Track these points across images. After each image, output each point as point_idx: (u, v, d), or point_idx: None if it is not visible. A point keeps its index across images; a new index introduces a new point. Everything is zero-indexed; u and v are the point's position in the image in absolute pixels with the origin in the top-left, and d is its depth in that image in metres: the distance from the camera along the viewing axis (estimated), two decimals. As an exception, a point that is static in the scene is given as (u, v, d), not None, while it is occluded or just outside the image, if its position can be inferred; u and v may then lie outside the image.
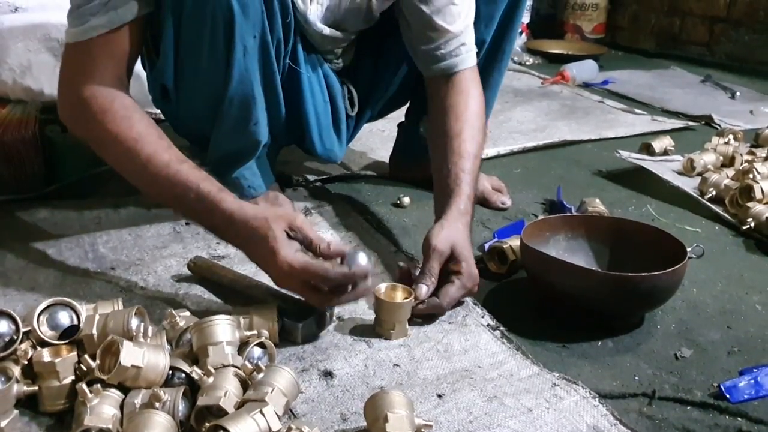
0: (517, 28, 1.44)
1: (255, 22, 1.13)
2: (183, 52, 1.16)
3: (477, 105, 1.27)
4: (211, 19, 1.09)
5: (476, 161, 1.21)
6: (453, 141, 1.20)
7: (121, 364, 0.79)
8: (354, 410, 0.87)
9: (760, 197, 1.45)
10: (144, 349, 0.82)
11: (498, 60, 1.44)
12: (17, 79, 1.62)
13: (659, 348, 1.04)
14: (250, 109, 1.22)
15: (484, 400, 0.89)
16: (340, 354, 0.98)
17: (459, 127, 1.22)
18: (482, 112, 1.28)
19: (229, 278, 1.13)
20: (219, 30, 1.10)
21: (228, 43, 1.12)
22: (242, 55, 1.14)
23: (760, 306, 1.17)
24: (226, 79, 1.16)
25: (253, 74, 1.18)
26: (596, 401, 0.89)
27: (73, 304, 0.92)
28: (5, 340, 0.87)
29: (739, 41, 3.05)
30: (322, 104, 1.38)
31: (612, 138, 2.03)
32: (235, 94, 1.18)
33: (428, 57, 1.28)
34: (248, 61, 1.16)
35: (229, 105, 1.19)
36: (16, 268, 1.18)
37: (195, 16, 1.10)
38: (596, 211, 1.41)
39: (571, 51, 3.18)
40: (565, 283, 1.07)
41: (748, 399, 0.93)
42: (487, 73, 1.41)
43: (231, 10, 1.08)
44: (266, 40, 1.17)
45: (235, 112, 1.21)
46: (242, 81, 1.17)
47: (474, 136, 1.22)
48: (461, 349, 1.01)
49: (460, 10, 1.26)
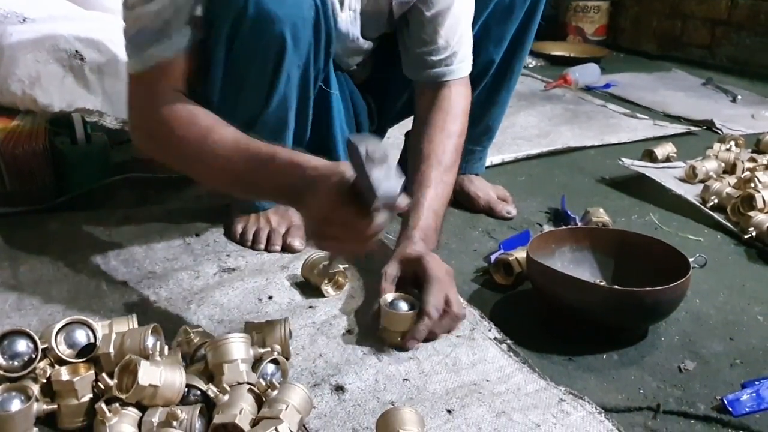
0: (527, 48, 1.44)
1: (302, 53, 1.13)
2: (229, 75, 1.16)
3: (455, 126, 1.26)
4: (264, 49, 1.10)
5: (449, 172, 1.23)
6: (422, 162, 1.22)
7: (139, 383, 0.81)
8: (365, 425, 0.89)
9: (761, 206, 1.47)
10: (161, 368, 0.84)
11: (507, 79, 1.45)
12: (26, 90, 1.63)
13: (663, 360, 1.06)
14: (282, 133, 1.23)
15: (492, 415, 0.91)
16: (351, 368, 1.00)
17: (429, 149, 1.23)
18: (459, 132, 1.27)
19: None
20: (269, 60, 1.11)
21: (275, 73, 1.13)
22: (285, 84, 1.15)
23: (762, 317, 1.18)
24: (266, 105, 1.17)
25: (290, 101, 1.20)
26: (602, 416, 0.91)
27: (90, 323, 0.93)
28: (24, 360, 0.89)
29: (741, 44, 3.06)
30: (348, 122, 1.39)
31: (615, 144, 2.04)
32: (269, 119, 1.20)
33: (419, 61, 1.28)
34: (289, 89, 1.17)
35: (261, 128, 1.19)
36: (30, 281, 1.20)
37: (248, 45, 1.10)
38: (600, 221, 1.43)
39: (573, 53, 3.20)
40: (570, 297, 1.09)
41: (750, 412, 0.95)
42: (495, 92, 1.43)
43: (284, 43, 1.09)
44: (308, 69, 1.17)
45: (267, 135, 1.21)
46: (279, 107, 1.19)
47: (450, 149, 1.24)
48: (469, 362, 1.03)
49: (459, 20, 1.26)
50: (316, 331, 1.09)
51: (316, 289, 1.19)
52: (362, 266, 1.28)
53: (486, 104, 1.49)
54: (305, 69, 1.17)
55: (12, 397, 0.84)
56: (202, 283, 1.21)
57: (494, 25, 1.33)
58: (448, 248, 1.39)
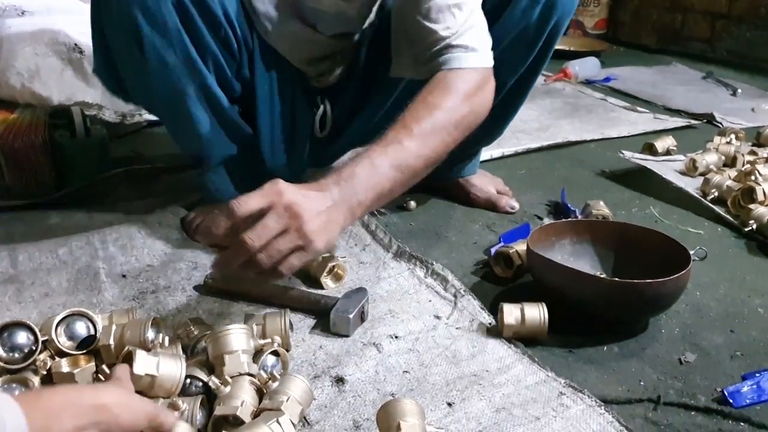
0: (539, 73, 1.40)
1: (172, 39, 1.12)
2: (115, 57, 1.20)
3: (442, 100, 1.07)
4: (122, 28, 1.12)
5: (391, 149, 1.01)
6: (392, 127, 1.05)
7: (134, 372, 0.81)
8: (366, 417, 0.89)
9: (762, 199, 1.47)
10: (158, 357, 0.84)
11: (515, 103, 1.43)
12: (25, 84, 1.63)
13: (664, 353, 1.06)
14: (183, 126, 1.22)
15: (492, 410, 0.91)
16: (351, 360, 1.00)
17: (401, 116, 1.05)
18: (446, 107, 1.07)
19: (255, 289, 1.15)
20: (131, 41, 1.12)
21: (142, 55, 1.14)
22: (162, 68, 1.14)
23: (762, 309, 1.18)
24: (152, 90, 1.19)
25: (181, 89, 1.18)
26: (602, 409, 0.91)
27: (90, 315, 0.93)
28: (25, 351, 0.89)
29: (741, 37, 3.06)
30: (278, 119, 1.34)
31: (615, 137, 2.04)
32: (161, 105, 1.20)
33: (417, 62, 1.17)
34: (170, 75, 1.16)
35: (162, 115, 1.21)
36: (29, 274, 1.20)
37: (113, 25, 1.13)
38: (600, 213, 1.43)
39: (572, 47, 3.19)
40: (570, 290, 1.09)
41: (750, 404, 0.95)
42: (504, 108, 1.40)
43: (137, 23, 1.10)
44: (191, 56, 1.16)
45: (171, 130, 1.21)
46: (169, 97, 1.19)
47: (407, 125, 1.04)
48: (469, 354, 1.03)
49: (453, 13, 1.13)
50: (316, 322, 1.09)
51: (316, 281, 1.19)
52: (361, 260, 1.28)
53: (490, 125, 1.47)
54: (187, 56, 1.15)
55: (13, 389, 0.84)
56: (201, 275, 1.20)
57: (508, 51, 1.28)
58: (449, 241, 1.39)
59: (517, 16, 1.27)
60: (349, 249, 1.32)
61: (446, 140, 1.07)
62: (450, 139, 1.08)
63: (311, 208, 0.91)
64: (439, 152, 1.07)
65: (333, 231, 0.94)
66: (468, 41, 1.13)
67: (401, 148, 1.01)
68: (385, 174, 0.99)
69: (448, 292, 1.18)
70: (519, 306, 1.07)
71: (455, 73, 1.11)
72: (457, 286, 1.19)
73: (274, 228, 0.89)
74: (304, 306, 1.12)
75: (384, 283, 1.21)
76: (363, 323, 1.09)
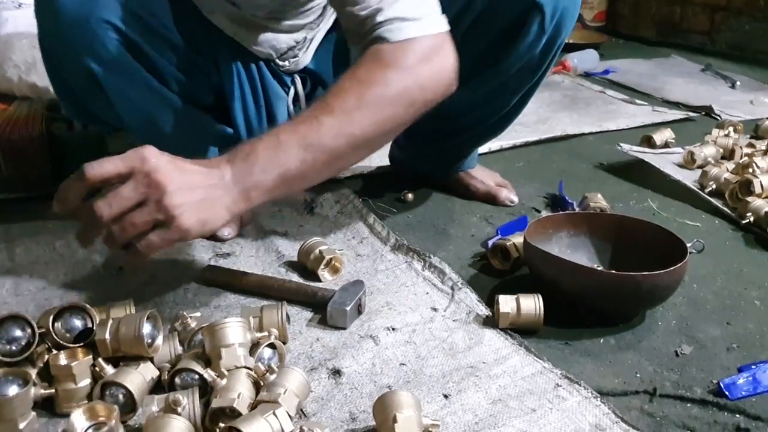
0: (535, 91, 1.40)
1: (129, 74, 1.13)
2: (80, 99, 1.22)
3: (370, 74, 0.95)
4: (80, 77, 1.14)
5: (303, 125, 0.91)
6: (311, 105, 0.95)
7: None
8: (362, 409, 0.90)
9: (759, 192, 1.47)
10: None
11: (511, 117, 1.44)
12: (22, 76, 1.64)
13: (660, 345, 1.06)
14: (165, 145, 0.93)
15: (488, 401, 0.91)
16: (348, 352, 1.01)
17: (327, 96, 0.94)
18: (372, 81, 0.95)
19: (254, 282, 1.15)
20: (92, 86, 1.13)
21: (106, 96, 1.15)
22: (128, 102, 1.15)
23: (759, 302, 1.19)
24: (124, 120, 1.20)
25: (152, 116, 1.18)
26: (598, 401, 0.91)
27: (87, 308, 0.93)
28: (22, 344, 0.89)
29: (740, 30, 3.05)
30: (253, 109, 1.32)
31: (613, 130, 2.04)
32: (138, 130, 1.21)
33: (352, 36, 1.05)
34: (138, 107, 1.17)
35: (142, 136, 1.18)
36: (26, 267, 1.20)
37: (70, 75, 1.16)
38: (598, 206, 1.43)
39: (571, 39, 3.16)
40: (567, 282, 1.09)
41: (746, 395, 0.95)
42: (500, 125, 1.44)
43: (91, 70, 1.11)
44: (152, 86, 1.17)
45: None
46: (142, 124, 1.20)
47: (327, 102, 0.93)
48: (465, 346, 1.03)
49: None
50: (313, 315, 1.09)
51: (313, 273, 1.19)
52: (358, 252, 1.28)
53: (489, 134, 1.49)
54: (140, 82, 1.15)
55: (10, 382, 0.85)
56: (198, 268, 1.20)
57: (517, 80, 1.30)
58: (446, 233, 1.39)
59: (523, 51, 1.24)
60: (347, 241, 1.32)
61: (378, 117, 0.95)
62: (384, 116, 0.95)
63: (182, 180, 0.81)
64: (372, 131, 0.95)
65: (212, 212, 0.84)
66: (399, 12, 0.97)
67: (316, 125, 0.90)
68: (293, 154, 0.88)
69: (446, 284, 1.18)
70: (515, 297, 1.07)
71: (392, 45, 0.97)
72: (455, 279, 1.19)
73: (128, 197, 0.79)
74: (301, 298, 1.12)
75: (381, 276, 1.21)
76: (360, 315, 1.09)
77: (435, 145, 1.48)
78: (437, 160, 1.53)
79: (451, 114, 1.30)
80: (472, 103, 1.35)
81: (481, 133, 1.47)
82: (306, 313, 1.10)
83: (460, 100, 1.12)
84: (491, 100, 1.36)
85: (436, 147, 1.49)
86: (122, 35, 1.10)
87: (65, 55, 1.11)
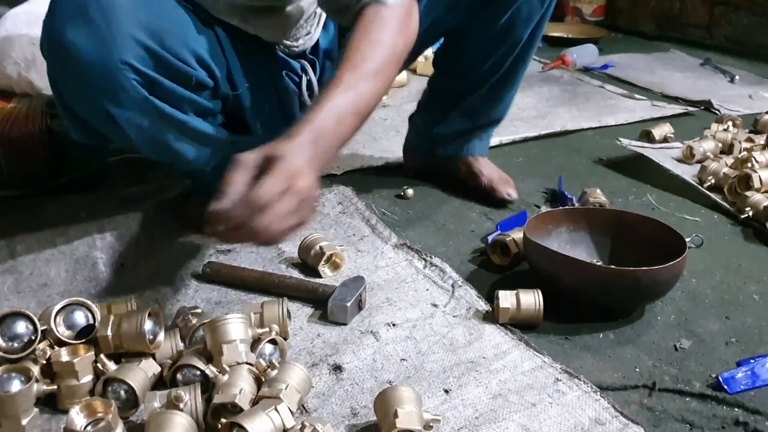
0: (532, 52, 1.43)
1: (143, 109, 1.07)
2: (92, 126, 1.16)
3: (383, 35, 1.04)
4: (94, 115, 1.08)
5: (351, 93, 0.98)
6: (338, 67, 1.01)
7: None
8: (363, 404, 0.90)
9: (758, 186, 1.47)
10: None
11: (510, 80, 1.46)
12: (22, 73, 1.63)
13: (659, 339, 1.07)
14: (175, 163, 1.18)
15: (489, 396, 0.92)
16: (349, 348, 1.01)
17: (347, 55, 1.01)
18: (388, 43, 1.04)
19: (255, 278, 1.16)
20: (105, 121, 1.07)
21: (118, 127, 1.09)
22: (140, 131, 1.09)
23: (758, 296, 1.19)
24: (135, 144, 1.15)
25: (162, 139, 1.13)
26: (598, 395, 0.92)
27: (89, 304, 0.94)
28: (24, 341, 0.90)
29: (739, 24, 3.05)
30: (269, 109, 1.31)
31: (612, 125, 2.04)
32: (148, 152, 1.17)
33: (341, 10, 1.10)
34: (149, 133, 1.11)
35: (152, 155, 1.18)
36: (28, 264, 1.21)
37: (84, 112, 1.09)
38: (597, 201, 1.43)
39: (571, 34, 3.18)
40: (567, 277, 1.09)
41: (744, 389, 0.96)
42: (498, 90, 1.44)
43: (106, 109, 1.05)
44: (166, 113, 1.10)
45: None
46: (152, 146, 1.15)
47: (357, 65, 1.01)
48: (466, 341, 1.03)
49: None
50: (313, 311, 1.10)
51: (313, 269, 1.20)
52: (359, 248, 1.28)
53: (489, 101, 1.50)
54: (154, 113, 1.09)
55: (12, 378, 0.85)
56: (199, 264, 1.21)
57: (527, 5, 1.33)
58: (446, 229, 1.39)
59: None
60: (347, 238, 1.32)
61: (390, 77, 1.06)
62: (393, 76, 1.07)
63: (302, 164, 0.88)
64: (387, 88, 1.08)
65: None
66: None
67: (359, 93, 0.98)
68: (350, 124, 0.97)
69: (446, 282, 1.18)
70: (514, 292, 1.07)
71: (386, 7, 1.06)
72: (455, 277, 1.19)
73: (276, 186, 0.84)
74: (302, 294, 1.12)
75: (382, 272, 1.21)
76: (361, 311, 1.09)
77: (455, 109, 1.51)
78: (456, 128, 1.53)
79: (472, 59, 1.36)
80: (490, 41, 1.36)
81: (499, 84, 1.46)
82: (307, 309, 1.10)
83: (478, 37, 1.20)
84: (506, 35, 1.37)
85: (457, 110, 1.51)
86: (141, 75, 1.04)
87: (80, 97, 1.06)
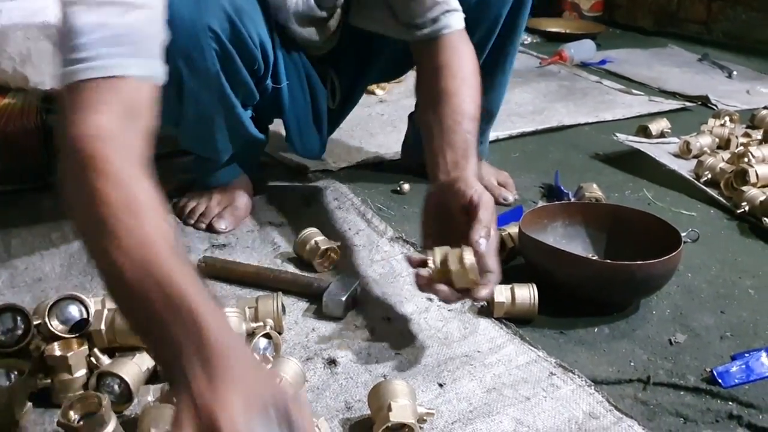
0: (521, 30, 1.41)
1: (210, 83, 1.14)
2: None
3: (472, 63, 1.16)
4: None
5: (475, 123, 1.11)
6: (451, 99, 1.10)
7: None
8: (358, 398, 0.90)
9: (754, 181, 1.47)
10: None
11: (502, 62, 1.42)
12: (17, 68, 1.63)
13: (654, 333, 1.07)
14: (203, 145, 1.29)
15: (483, 390, 0.92)
16: (344, 342, 1.01)
17: (456, 85, 1.12)
18: (477, 71, 1.17)
19: (250, 273, 1.16)
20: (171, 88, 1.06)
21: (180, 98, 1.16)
22: (196, 105, 1.16)
23: (753, 290, 1.19)
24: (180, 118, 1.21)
25: (209, 119, 1.21)
26: (592, 389, 0.92)
27: (82, 298, 0.94)
28: (17, 335, 0.89)
29: (737, 19, 3.05)
30: (303, 107, 1.36)
31: (609, 120, 2.04)
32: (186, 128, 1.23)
33: (411, 27, 1.17)
34: (202, 110, 1.19)
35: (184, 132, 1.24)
36: (22, 259, 1.20)
37: None
38: (593, 196, 1.43)
39: (569, 29, 3.17)
40: (562, 272, 1.09)
41: (739, 383, 0.96)
42: (491, 76, 1.39)
43: (179, 73, 1.10)
44: (226, 93, 1.18)
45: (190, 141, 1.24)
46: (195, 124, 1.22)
47: (472, 96, 1.13)
48: (460, 336, 1.03)
49: None
50: (308, 305, 1.10)
51: (309, 264, 1.19)
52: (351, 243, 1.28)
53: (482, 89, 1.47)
54: (221, 93, 1.17)
55: (6, 373, 0.85)
56: (193, 259, 1.20)
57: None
58: (442, 224, 1.39)
59: None
60: (343, 233, 1.32)
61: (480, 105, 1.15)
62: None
63: None
64: None
65: None
66: (454, 2, 1.16)
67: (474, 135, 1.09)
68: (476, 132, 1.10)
69: (441, 274, 1.18)
70: (509, 286, 1.07)
71: (458, 36, 1.16)
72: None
73: None
74: (297, 289, 1.12)
75: (377, 266, 1.21)
76: (355, 306, 1.09)
77: None
78: None
79: None
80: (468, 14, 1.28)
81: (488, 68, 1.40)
82: (301, 304, 1.10)
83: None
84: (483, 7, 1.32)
85: None
86: (220, 45, 1.10)
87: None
